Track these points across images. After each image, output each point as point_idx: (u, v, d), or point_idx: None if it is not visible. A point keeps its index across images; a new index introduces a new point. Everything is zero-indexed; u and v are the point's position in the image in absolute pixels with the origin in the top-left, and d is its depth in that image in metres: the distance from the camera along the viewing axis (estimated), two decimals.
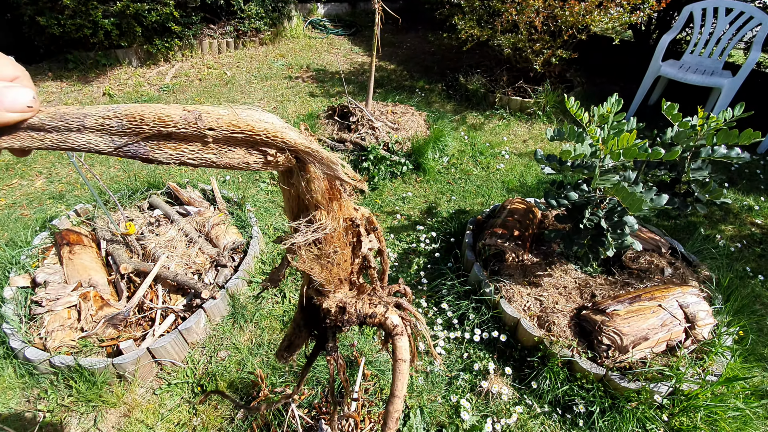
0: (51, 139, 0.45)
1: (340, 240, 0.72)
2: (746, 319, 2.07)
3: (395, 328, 0.79)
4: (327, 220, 0.66)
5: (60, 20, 4.09)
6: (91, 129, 0.46)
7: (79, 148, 0.46)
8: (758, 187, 3.31)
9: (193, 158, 0.51)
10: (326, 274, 0.74)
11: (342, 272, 0.77)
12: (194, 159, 0.51)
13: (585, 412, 1.75)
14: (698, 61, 3.95)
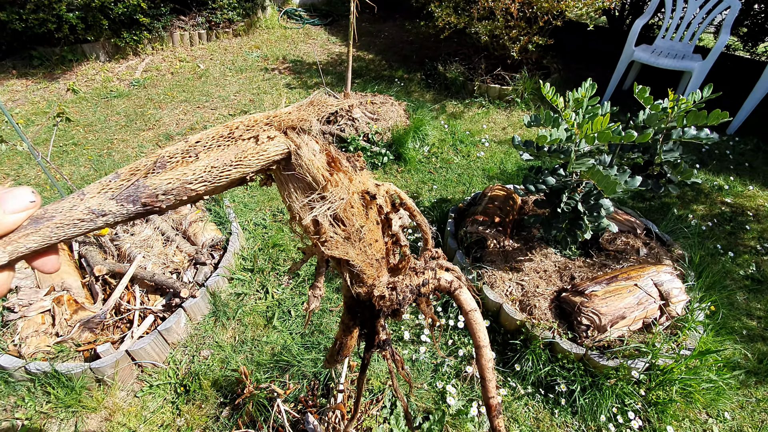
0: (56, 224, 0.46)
1: (361, 214, 0.69)
2: (717, 294, 2.15)
3: (451, 284, 0.80)
4: (337, 191, 0.64)
5: (22, 15, 3.90)
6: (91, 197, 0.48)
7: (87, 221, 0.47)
8: (728, 167, 3.42)
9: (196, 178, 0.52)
10: (363, 256, 0.72)
11: (377, 253, 0.75)
12: (197, 180, 0.52)
13: (566, 391, 1.79)
14: (670, 45, 4.02)
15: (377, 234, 0.74)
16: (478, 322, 0.78)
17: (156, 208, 0.50)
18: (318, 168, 0.59)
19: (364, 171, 0.72)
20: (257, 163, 0.57)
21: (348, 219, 0.67)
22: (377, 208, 0.73)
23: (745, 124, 3.79)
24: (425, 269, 0.81)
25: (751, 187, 3.18)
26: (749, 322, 2.20)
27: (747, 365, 1.99)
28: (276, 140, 0.57)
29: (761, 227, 2.81)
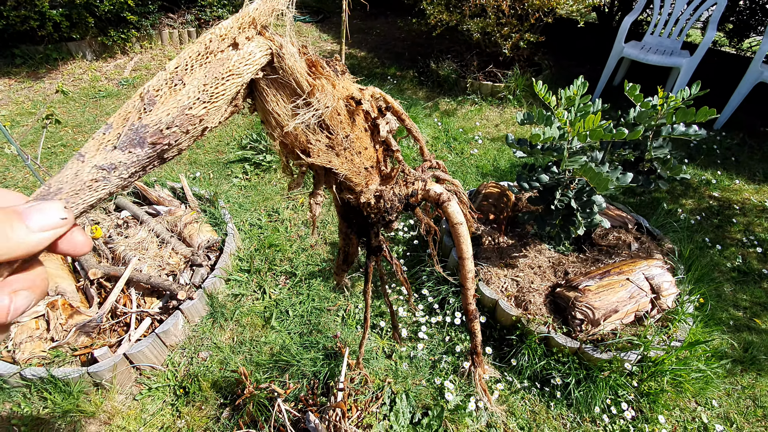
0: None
1: (348, 122, 0.66)
2: (706, 286, 2.21)
3: (440, 196, 0.79)
4: (323, 97, 0.60)
5: (2, 12, 3.80)
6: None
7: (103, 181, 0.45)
8: (715, 161, 3.49)
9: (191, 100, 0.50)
10: (348, 165, 0.69)
11: (366, 161, 0.73)
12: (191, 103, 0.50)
13: (561, 384, 1.83)
14: (658, 41, 4.08)
15: (365, 141, 0.72)
16: (463, 235, 0.81)
17: (166, 146, 0.48)
18: (301, 72, 0.56)
19: (346, 75, 0.69)
20: (247, 69, 0.53)
21: (334, 127, 0.64)
22: (363, 114, 0.70)
23: (732, 120, 3.87)
24: (416, 179, 0.81)
25: (737, 181, 3.25)
26: (736, 312, 2.26)
27: (733, 354, 2.05)
28: (255, 41, 0.54)
29: (747, 220, 2.89)
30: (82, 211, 0.44)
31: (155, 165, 0.51)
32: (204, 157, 3.29)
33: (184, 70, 0.50)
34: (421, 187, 0.80)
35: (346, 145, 0.68)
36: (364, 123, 0.71)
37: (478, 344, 0.99)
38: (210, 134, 3.57)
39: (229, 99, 0.54)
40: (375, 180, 0.77)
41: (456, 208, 0.80)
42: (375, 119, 0.71)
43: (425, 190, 0.80)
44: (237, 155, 3.25)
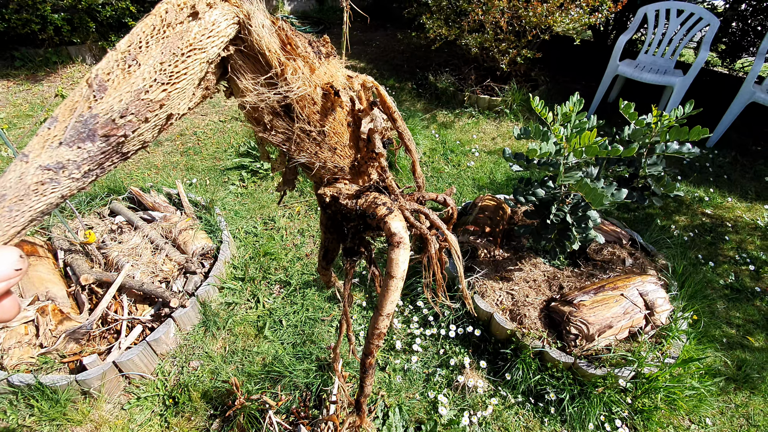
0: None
1: (323, 112, 0.57)
2: (699, 303, 2.22)
3: (393, 236, 0.64)
4: (293, 80, 0.52)
5: (4, 15, 3.81)
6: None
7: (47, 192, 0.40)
8: (707, 179, 3.54)
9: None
10: (306, 154, 0.60)
11: (339, 158, 0.63)
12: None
13: (556, 400, 1.82)
14: (652, 60, 4.16)
15: (343, 137, 0.63)
16: (390, 290, 0.65)
17: (122, 138, 0.42)
18: (271, 47, 0.49)
19: (332, 59, 0.60)
20: (212, 43, 0.46)
21: (305, 115, 0.56)
22: (349, 105, 0.62)
23: (724, 138, 3.93)
24: (384, 204, 0.68)
25: (729, 199, 3.29)
26: (729, 330, 2.27)
27: (727, 372, 2.05)
28: (219, 8, 0.46)
29: (739, 238, 2.92)
30: (32, 220, 0.39)
31: (115, 161, 0.44)
32: (201, 164, 3.29)
33: (137, 49, 0.43)
34: (382, 213, 0.66)
35: (316, 137, 0.60)
36: (347, 116, 0.63)
37: (364, 401, 0.83)
38: (207, 141, 3.58)
39: (195, 80, 0.47)
40: (344, 177, 0.68)
41: (399, 258, 0.64)
42: (358, 112, 0.62)
43: (382, 220, 0.66)
44: (234, 162, 3.25)
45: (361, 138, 0.64)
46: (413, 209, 0.73)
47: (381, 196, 0.70)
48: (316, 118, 0.58)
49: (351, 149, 0.66)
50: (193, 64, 0.45)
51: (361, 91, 0.62)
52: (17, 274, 0.36)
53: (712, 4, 5.40)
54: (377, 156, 0.67)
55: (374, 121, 0.64)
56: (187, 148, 3.48)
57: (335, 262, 0.94)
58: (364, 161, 0.68)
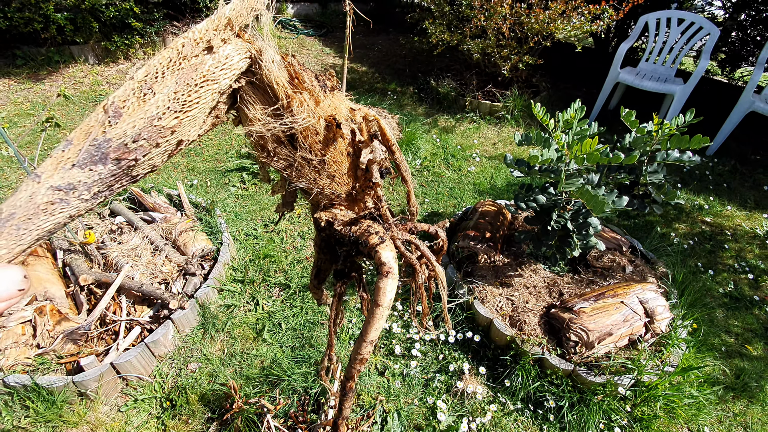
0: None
1: (324, 143, 0.59)
2: (699, 312, 2.22)
3: (382, 266, 0.65)
4: (298, 111, 0.54)
5: (6, 13, 3.82)
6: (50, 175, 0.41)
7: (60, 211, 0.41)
8: (707, 187, 3.55)
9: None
10: (306, 180, 0.63)
11: (337, 185, 0.66)
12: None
13: (555, 407, 1.81)
14: (653, 68, 4.18)
15: (342, 166, 0.65)
16: (375, 318, 0.66)
17: (132, 162, 0.43)
18: (279, 81, 0.52)
19: (336, 92, 0.63)
20: (224, 75, 0.48)
21: (308, 144, 0.58)
22: (349, 136, 0.64)
23: (724, 147, 3.95)
24: (377, 233, 0.68)
25: (729, 207, 3.30)
26: (728, 338, 2.27)
27: (725, 381, 2.05)
28: (233, 44, 0.49)
29: (738, 246, 2.92)
30: (38, 239, 0.39)
31: (124, 184, 0.46)
32: (202, 165, 3.29)
33: (153, 78, 0.46)
34: (373, 242, 0.67)
35: (316, 165, 0.62)
36: (348, 146, 0.65)
37: (341, 422, 0.84)
38: (208, 143, 3.58)
39: (206, 108, 0.49)
40: (341, 206, 0.71)
41: (386, 287, 0.64)
42: (359, 143, 0.65)
43: (373, 249, 0.67)
44: (235, 164, 3.25)
45: (360, 167, 0.67)
46: (405, 239, 0.74)
47: (375, 225, 0.71)
48: (317, 147, 0.60)
49: (349, 177, 0.68)
50: (206, 95, 0.47)
51: (362, 123, 0.64)
52: (20, 295, 0.36)
53: (713, 13, 5.44)
54: (374, 185, 0.70)
55: (374, 153, 0.67)
56: (189, 149, 3.48)
57: (328, 279, 0.95)
58: (361, 189, 0.70)
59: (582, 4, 3.57)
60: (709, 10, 5.43)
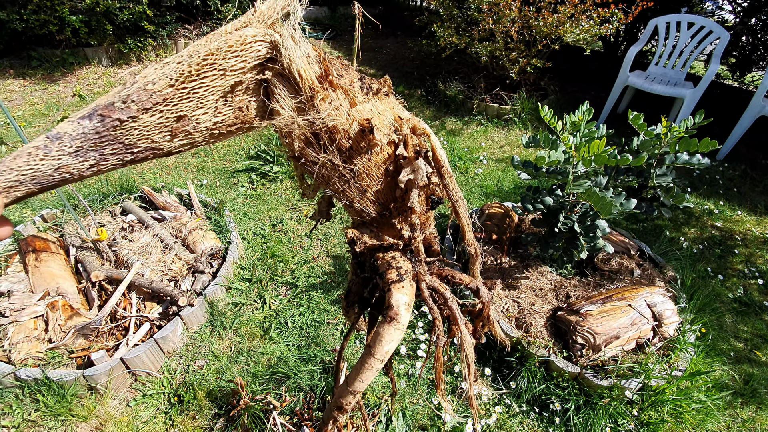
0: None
1: (353, 149, 0.53)
2: (708, 316, 2.20)
3: (389, 309, 0.57)
4: (323, 107, 0.50)
5: (23, 15, 3.91)
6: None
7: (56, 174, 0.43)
8: (717, 191, 3.52)
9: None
10: (332, 189, 0.56)
11: (369, 203, 0.58)
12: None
13: (561, 410, 1.80)
14: (663, 72, 4.16)
15: (375, 182, 0.57)
16: (365, 367, 0.58)
17: (116, 122, 0.43)
18: (302, 72, 0.48)
19: (384, 97, 0.55)
20: (235, 56, 0.45)
21: (332, 148, 0.52)
22: (391, 149, 0.55)
23: (734, 151, 3.91)
24: (398, 269, 0.60)
25: (739, 212, 3.27)
26: (737, 344, 2.25)
27: (734, 386, 2.03)
28: (252, 28, 0.47)
29: (749, 251, 2.89)
30: (17, 182, 0.40)
31: (117, 151, 0.44)
32: (212, 165, 3.33)
33: (177, 55, 0.46)
34: (391, 278, 0.59)
35: (344, 174, 0.55)
36: (387, 160, 0.57)
37: None
38: (218, 144, 3.62)
39: (215, 90, 0.46)
40: (373, 226, 0.63)
41: (386, 336, 0.55)
42: (401, 159, 0.56)
43: (388, 287, 0.58)
44: (244, 165, 3.28)
45: (399, 187, 0.57)
46: (432, 286, 0.64)
47: (401, 259, 0.62)
48: (347, 154, 0.54)
49: (385, 197, 0.59)
50: (211, 72, 0.45)
51: (408, 137, 0.56)
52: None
53: (723, 17, 5.40)
54: (409, 211, 0.59)
55: (416, 173, 0.56)
56: (199, 149, 3.53)
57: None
58: (397, 213, 0.61)
59: (591, 8, 3.57)
60: (720, 14, 5.39)
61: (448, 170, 0.60)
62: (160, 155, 0.49)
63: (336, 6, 7.33)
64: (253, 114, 0.51)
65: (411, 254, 0.64)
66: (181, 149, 0.50)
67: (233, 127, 0.51)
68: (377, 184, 0.58)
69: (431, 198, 0.65)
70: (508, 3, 3.57)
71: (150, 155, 0.47)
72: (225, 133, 0.52)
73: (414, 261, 0.64)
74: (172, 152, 0.50)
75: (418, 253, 0.63)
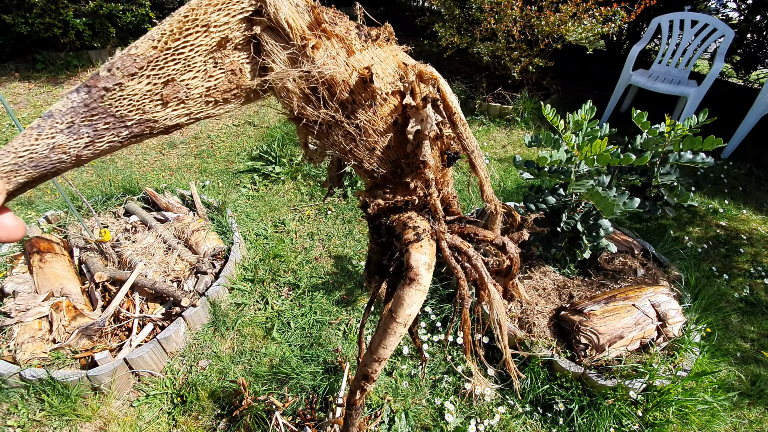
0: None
1: (355, 102, 0.49)
2: (713, 316, 2.18)
3: (409, 270, 0.54)
4: (318, 56, 0.47)
5: (28, 19, 3.94)
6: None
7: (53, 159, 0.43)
8: (722, 190, 3.49)
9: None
10: (338, 149, 0.53)
11: (379, 161, 0.54)
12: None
13: (564, 411, 1.79)
14: (666, 70, 4.14)
15: (384, 138, 0.53)
16: (388, 333, 0.56)
17: (102, 91, 0.42)
18: (290, 20, 0.46)
19: (385, 43, 0.52)
20: (217, 12, 0.43)
21: (332, 103, 0.49)
22: (397, 99, 0.52)
23: (739, 149, 3.88)
24: (414, 228, 0.56)
25: (744, 211, 3.24)
26: (743, 344, 2.22)
27: (740, 387, 2.01)
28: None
29: (754, 251, 2.86)
30: (15, 165, 0.40)
31: (109, 125, 0.43)
32: (214, 166, 3.34)
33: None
34: (408, 238, 0.56)
35: (349, 131, 0.52)
36: (394, 112, 0.53)
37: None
38: (220, 144, 3.63)
39: (200, 48, 0.44)
40: (387, 187, 0.60)
41: (408, 298, 0.53)
42: (407, 108, 0.51)
43: (406, 248, 0.55)
44: (247, 165, 3.29)
45: (409, 141, 0.54)
46: (453, 244, 0.60)
47: (418, 218, 0.59)
48: (349, 108, 0.51)
49: (395, 153, 0.55)
50: (192, 28, 0.43)
51: (415, 83, 0.51)
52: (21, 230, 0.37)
53: (727, 15, 5.36)
54: (423, 166, 0.55)
55: (424, 123, 0.52)
56: (201, 150, 3.54)
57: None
58: (409, 170, 0.57)
59: (593, 6, 3.56)
60: (723, 11, 5.35)
61: (461, 117, 0.55)
62: (157, 130, 0.47)
63: (337, 7, 7.34)
64: (248, 77, 0.49)
65: (429, 213, 0.61)
66: (179, 121, 0.47)
67: (229, 93, 0.48)
68: (386, 139, 0.54)
69: (446, 153, 0.61)
70: (510, 2, 3.56)
71: (146, 129, 0.45)
72: (222, 101, 0.49)
73: (432, 220, 0.61)
74: (170, 127, 0.47)
75: (436, 211, 0.60)
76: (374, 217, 0.62)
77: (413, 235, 0.56)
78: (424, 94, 0.52)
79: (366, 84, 0.50)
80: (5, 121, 3.65)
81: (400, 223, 0.59)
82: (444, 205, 0.69)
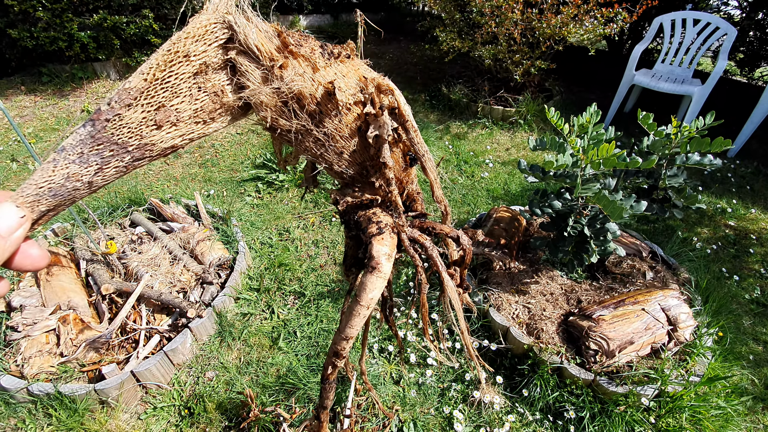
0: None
1: (322, 113, 0.57)
2: (724, 319, 2.15)
3: (371, 260, 0.61)
4: (286, 74, 0.54)
5: (33, 33, 3.99)
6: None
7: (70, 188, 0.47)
8: (730, 189, 3.45)
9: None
10: (310, 155, 0.60)
11: (346, 164, 0.62)
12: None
13: (575, 418, 1.77)
14: (669, 69, 4.11)
15: (350, 142, 0.60)
16: (353, 316, 0.63)
17: (105, 122, 0.47)
18: (260, 45, 0.52)
19: (347, 60, 0.59)
20: (194, 42, 0.49)
21: (302, 114, 0.56)
22: (360, 108, 0.59)
23: (745, 148, 3.84)
24: (377, 223, 0.65)
25: (753, 210, 3.20)
26: (755, 347, 2.19)
27: (754, 391, 1.97)
28: (206, 14, 0.51)
29: (764, 250, 2.82)
30: (37, 196, 0.45)
31: (115, 153, 0.48)
32: (218, 176, 3.35)
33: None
34: (371, 231, 0.64)
35: (319, 138, 0.59)
36: (357, 120, 0.60)
37: (322, 411, 0.83)
38: (224, 153, 3.65)
39: (184, 76, 0.50)
40: (356, 187, 0.67)
41: (371, 284, 0.61)
42: (367, 116, 0.59)
43: (369, 241, 0.63)
44: (250, 174, 3.30)
45: (371, 145, 0.61)
46: (412, 237, 0.68)
47: (381, 214, 0.66)
48: (317, 118, 0.58)
49: (360, 156, 0.63)
50: (175, 59, 0.49)
51: (374, 94, 0.58)
52: (23, 221, 0.38)
53: (729, 13, 5.33)
54: (383, 167, 0.62)
55: (381, 128, 0.59)
56: (205, 160, 3.56)
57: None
58: (373, 171, 0.65)
59: (594, 8, 3.55)
60: (725, 9, 5.32)
61: (413, 124, 0.63)
62: (155, 154, 0.52)
63: (338, 14, 7.39)
64: (230, 97, 0.55)
65: (392, 209, 0.69)
66: (174, 143, 0.53)
67: (215, 112, 0.54)
68: (352, 144, 0.61)
69: (408, 154, 0.69)
70: (511, 6, 3.56)
71: (146, 153, 0.51)
72: (209, 120, 0.55)
73: (394, 215, 0.68)
74: (166, 150, 0.53)
75: (397, 206, 0.67)
76: (344, 213, 0.70)
77: (376, 228, 0.64)
78: (382, 103, 0.58)
79: (331, 96, 0.56)
80: (11, 135, 3.69)
81: (366, 218, 0.66)
82: (409, 201, 0.77)
